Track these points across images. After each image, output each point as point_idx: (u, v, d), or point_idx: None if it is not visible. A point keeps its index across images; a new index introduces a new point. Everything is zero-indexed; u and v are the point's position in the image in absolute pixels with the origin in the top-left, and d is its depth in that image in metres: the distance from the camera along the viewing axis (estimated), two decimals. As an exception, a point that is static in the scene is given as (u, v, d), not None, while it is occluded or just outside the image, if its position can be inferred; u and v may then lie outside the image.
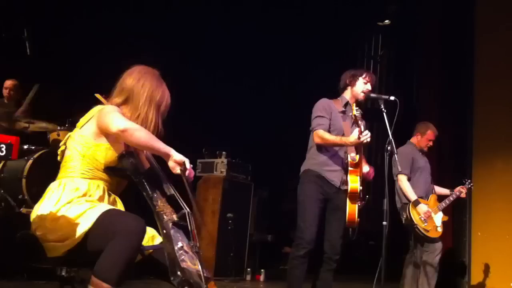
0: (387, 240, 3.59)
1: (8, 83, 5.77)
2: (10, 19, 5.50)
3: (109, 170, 2.43)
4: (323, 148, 3.93)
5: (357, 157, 3.78)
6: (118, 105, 2.50)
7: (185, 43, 6.88)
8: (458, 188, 5.24)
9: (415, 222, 4.83)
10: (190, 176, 2.43)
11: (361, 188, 3.80)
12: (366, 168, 3.95)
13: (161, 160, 2.47)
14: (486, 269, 6.47)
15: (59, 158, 2.51)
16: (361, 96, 3.96)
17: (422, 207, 4.86)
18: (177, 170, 2.37)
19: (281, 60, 7.95)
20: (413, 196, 4.88)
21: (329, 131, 3.84)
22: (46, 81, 5.70)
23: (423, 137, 5.17)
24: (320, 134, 3.83)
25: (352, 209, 3.80)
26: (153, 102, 2.51)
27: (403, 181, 4.93)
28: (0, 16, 5.53)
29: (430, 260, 4.89)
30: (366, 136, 3.58)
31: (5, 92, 5.79)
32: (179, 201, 2.41)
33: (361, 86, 3.96)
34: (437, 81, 7.38)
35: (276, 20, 7.52)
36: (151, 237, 2.46)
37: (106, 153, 2.41)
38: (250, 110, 7.50)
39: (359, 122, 3.56)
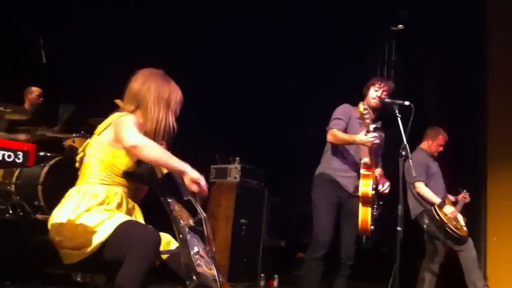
0: (401, 246, 3.59)
1: (37, 89, 5.77)
2: (25, 26, 5.56)
3: (127, 175, 2.46)
4: (338, 153, 3.97)
5: (369, 161, 3.80)
6: (132, 112, 2.52)
7: (188, 44, 6.89)
8: (461, 195, 5.23)
9: (446, 221, 4.84)
10: (204, 194, 2.44)
11: (373, 192, 3.79)
12: (386, 183, 3.96)
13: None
14: (502, 275, 6.41)
15: (77, 165, 2.53)
16: (372, 102, 4.02)
17: (449, 208, 4.89)
18: (194, 188, 2.38)
19: (294, 68, 7.95)
20: (436, 200, 4.90)
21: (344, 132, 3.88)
22: (52, 86, 5.76)
23: (434, 142, 5.16)
24: (334, 133, 3.91)
25: (364, 214, 3.79)
26: (162, 102, 2.53)
27: (422, 188, 4.94)
28: (15, 24, 5.60)
29: (469, 256, 4.91)
30: (372, 136, 3.60)
31: (34, 98, 5.76)
32: (196, 206, 2.43)
33: (372, 93, 4.03)
34: (449, 85, 7.33)
35: (289, 23, 7.53)
36: (167, 243, 2.48)
37: (124, 159, 2.43)
38: (262, 115, 7.50)
39: (367, 121, 3.59)
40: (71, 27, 6.16)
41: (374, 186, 3.83)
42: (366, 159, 3.81)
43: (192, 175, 2.37)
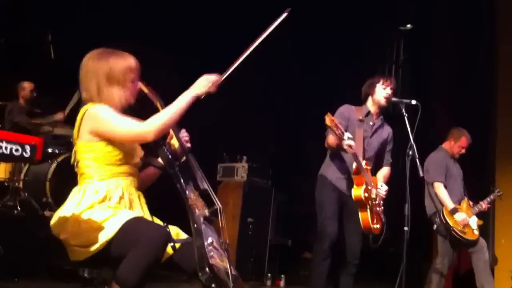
0: (408, 246, 3.58)
1: (29, 84, 5.80)
2: (33, 23, 5.59)
3: (148, 163, 2.46)
4: (335, 156, 3.98)
5: (356, 165, 3.77)
6: (92, 101, 2.42)
7: (195, 42, 6.88)
8: (485, 205, 5.18)
9: (452, 225, 4.82)
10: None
11: (366, 194, 3.77)
12: (384, 187, 3.94)
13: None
14: (511, 278, 6.37)
15: (76, 170, 2.48)
16: (383, 101, 3.99)
17: (460, 215, 4.86)
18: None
19: (302, 67, 7.94)
20: (450, 205, 4.87)
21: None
22: (60, 83, 5.79)
23: (456, 144, 5.11)
24: (326, 138, 3.92)
25: (364, 218, 3.79)
26: (105, 80, 2.41)
27: (440, 189, 4.91)
28: (24, 20, 5.63)
29: (480, 258, 4.89)
30: (348, 142, 3.57)
31: (25, 93, 5.80)
32: (212, 196, 2.41)
33: (381, 92, 3.99)
34: (457, 84, 7.31)
35: (297, 22, 7.51)
36: (175, 234, 2.45)
37: (113, 146, 2.37)
38: (268, 114, 7.49)
39: (337, 132, 3.53)
40: (80, 22, 6.18)
41: (368, 187, 3.81)
42: (354, 163, 3.78)
43: (204, 88, 2.38)
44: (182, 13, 6.87)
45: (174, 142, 2.53)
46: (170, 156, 2.42)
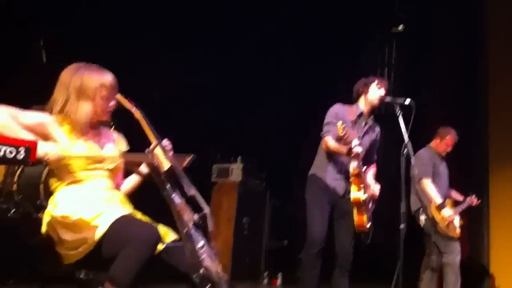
0: (404, 244, 3.58)
1: None
2: (24, 26, 5.56)
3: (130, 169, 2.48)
4: (330, 156, 3.96)
5: (356, 167, 3.77)
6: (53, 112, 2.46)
7: (191, 42, 6.86)
8: (470, 198, 5.28)
9: (438, 221, 4.83)
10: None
11: (365, 197, 3.79)
12: (376, 186, 3.96)
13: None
14: (506, 275, 6.39)
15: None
16: (376, 102, 3.99)
17: (447, 211, 4.88)
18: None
19: (295, 67, 7.94)
20: (438, 200, 4.89)
21: (338, 139, 3.84)
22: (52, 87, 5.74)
23: (442, 142, 5.16)
24: (326, 141, 3.89)
25: (359, 218, 3.79)
26: (80, 94, 2.43)
27: (428, 185, 4.94)
28: (14, 24, 5.60)
29: (451, 262, 4.88)
30: (356, 149, 3.59)
31: None
32: (199, 201, 2.43)
33: (375, 92, 3.99)
34: (450, 85, 7.34)
35: (287, 26, 7.52)
36: (165, 233, 2.45)
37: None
38: (262, 116, 7.49)
39: (348, 139, 3.55)
40: (72, 26, 6.15)
41: (365, 189, 3.83)
42: (354, 165, 3.77)
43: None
44: (180, 10, 6.85)
45: (158, 152, 2.52)
46: (156, 164, 2.42)
